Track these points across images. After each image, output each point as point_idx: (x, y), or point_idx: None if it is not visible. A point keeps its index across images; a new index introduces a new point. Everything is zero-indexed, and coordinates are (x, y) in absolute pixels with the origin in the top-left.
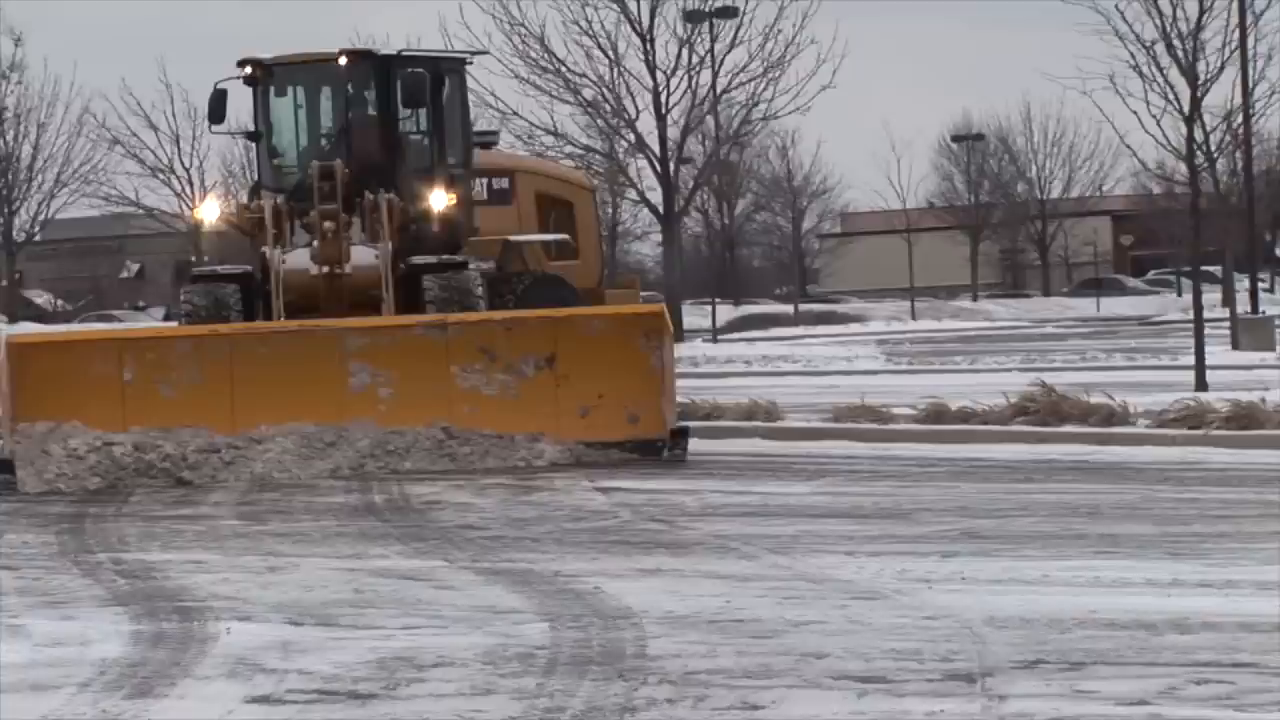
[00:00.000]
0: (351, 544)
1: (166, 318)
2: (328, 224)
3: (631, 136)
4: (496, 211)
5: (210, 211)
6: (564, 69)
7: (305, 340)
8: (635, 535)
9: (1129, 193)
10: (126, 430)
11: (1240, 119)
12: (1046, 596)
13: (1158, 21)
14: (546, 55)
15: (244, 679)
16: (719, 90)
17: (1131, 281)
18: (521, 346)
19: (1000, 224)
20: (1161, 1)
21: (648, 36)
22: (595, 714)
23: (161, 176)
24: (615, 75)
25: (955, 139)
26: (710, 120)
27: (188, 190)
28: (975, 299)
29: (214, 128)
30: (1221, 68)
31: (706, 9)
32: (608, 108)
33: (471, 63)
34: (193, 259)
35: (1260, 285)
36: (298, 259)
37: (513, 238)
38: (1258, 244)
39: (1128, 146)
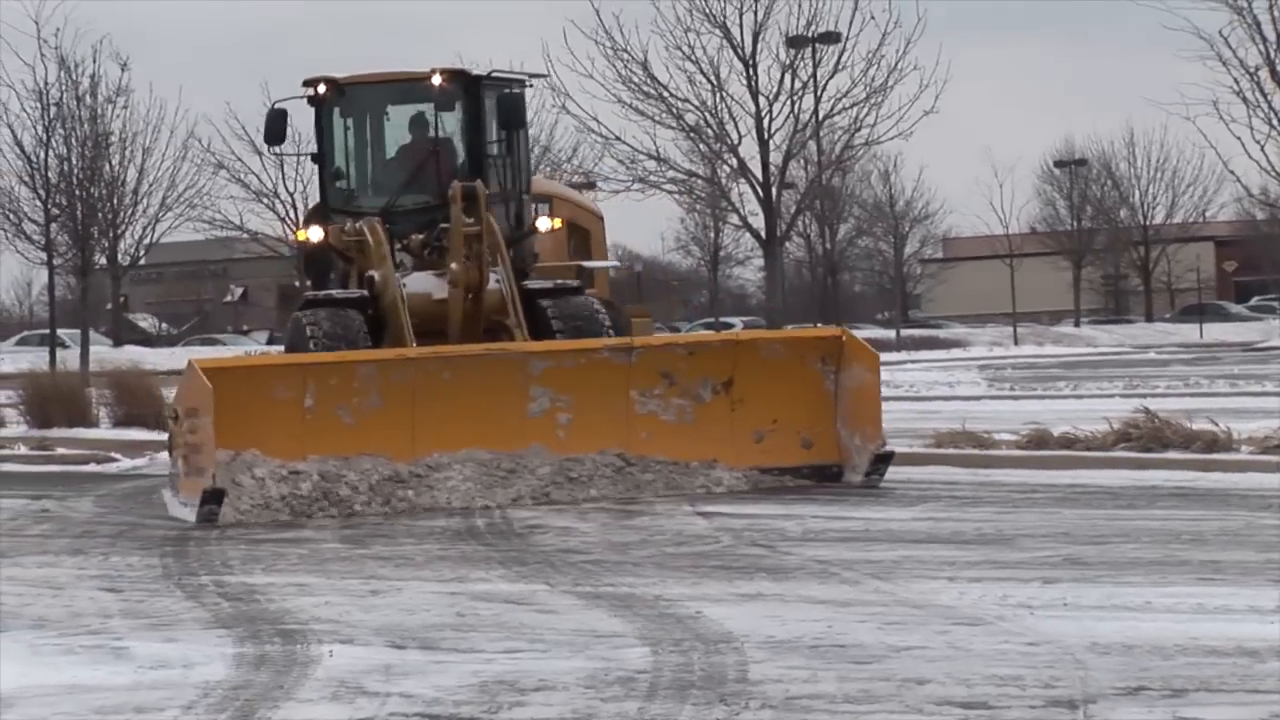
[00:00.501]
0: (453, 568)
1: (270, 342)
2: (466, 247)
3: (734, 161)
4: (545, 238)
5: (316, 233)
6: (667, 94)
7: (489, 364)
8: (736, 560)
9: (1232, 219)
10: (305, 459)
11: None
12: (1149, 623)
13: (1261, 48)
14: (649, 80)
15: (346, 701)
16: (821, 116)
17: (1235, 307)
18: (701, 370)
19: (1103, 250)
20: (1265, 27)
21: (750, 62)
22: None
23: (266, 201)
24: (718, 100)
25: (1058, 164)
26: (812, 145)
27: (291, 214)
28: (1078, 324)
29: (273, 149)
30: None
31: (810, 34)
32: (710, 133)
33: (532, 85)
34: (297, 283)
35: None
36: (419, 283)
37: (586, 264)
38: None
39: (1231, 172)
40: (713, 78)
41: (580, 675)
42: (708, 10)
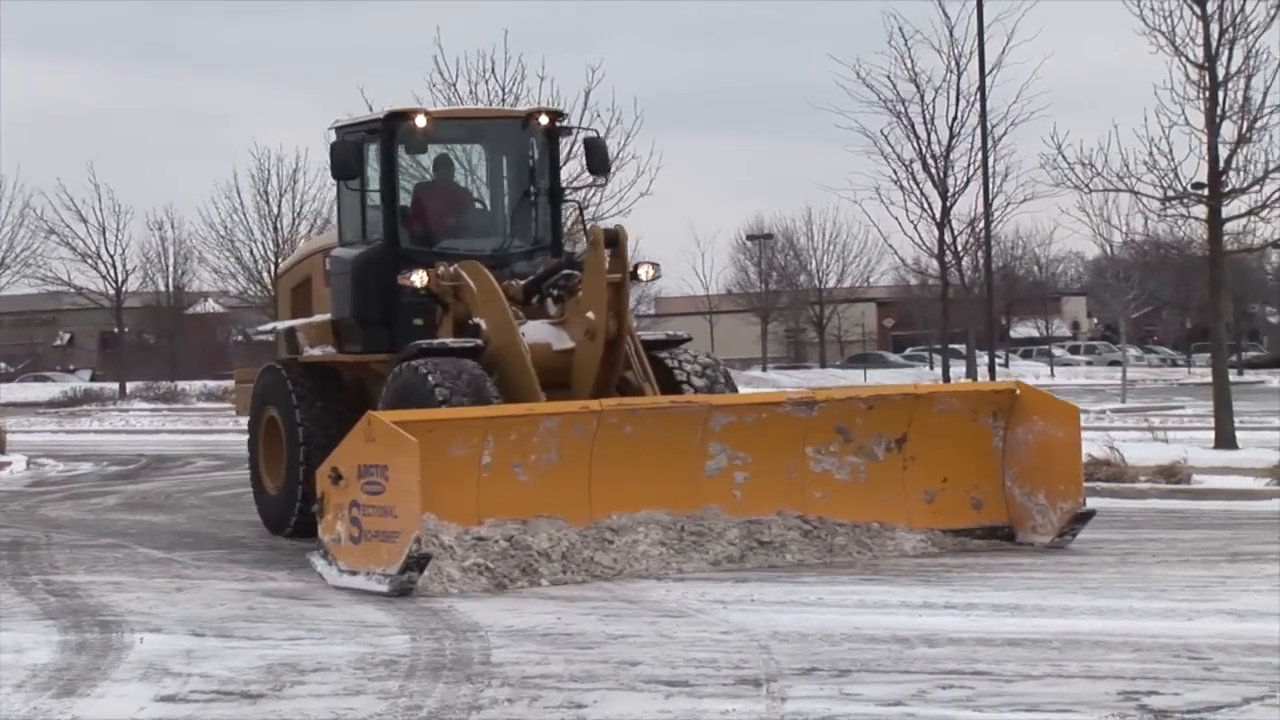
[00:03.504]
0: (246, 569)
1: (92, 379)
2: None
3: None
4: None
5: (420, 277)
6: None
7: (673, 419)
8: None
9: (891, 284)
10: (480, 522)
11: (982, 224)
12: (820, 615)
13: (915, 145)
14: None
15: (154, 681)
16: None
17: (892, 356)
18: (876, 426)
19: (785, 307)
20: (919, 128)
21: None
22: (447, 711)
23: (90, 261)
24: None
25: (750, 237)
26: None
27: (111, 272)
28: (764, 369)
29: (348, 183)
30: (967, 182)
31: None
32: None
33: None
34: (115, 329)
35: (997, 361)
36: (537, 332)
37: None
38: (995, 327)
39: (890, 246)
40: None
41: (351, 658)
42: (461, 104)
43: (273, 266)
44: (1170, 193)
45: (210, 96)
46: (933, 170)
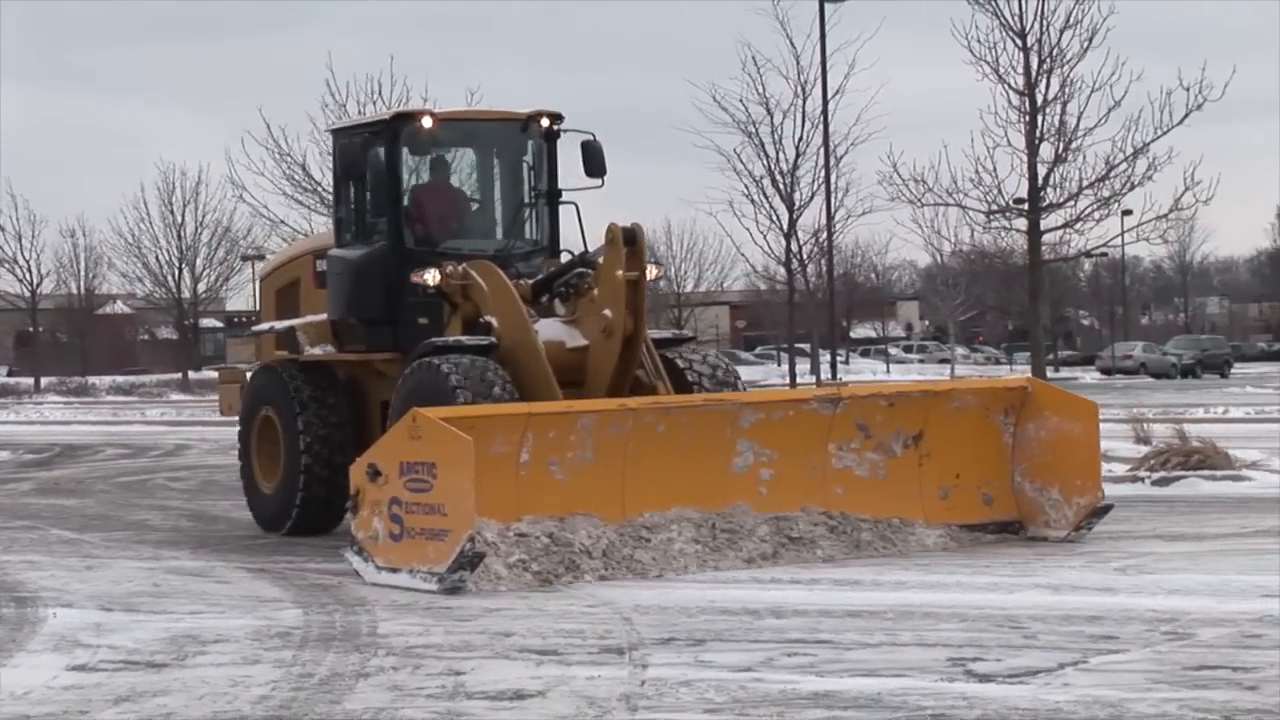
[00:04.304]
0: (152, 549)
1: (10, 374)
2: (630, 293)
3: None
4: None
5: (433, 275)
6: (321, 188)
7: (701, 416)
8: None
9: (742, 288)
10: (519, 519)
11: (825, 235)
12: (679, 590)
13: (764, 163)
14: (307, 178)
15: (65, 652)
16: None
17: (744, 355)
18: (896, 423)
19: (649, 310)
20: (768, 147)
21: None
22: (337, 679)
23: (6, 265)
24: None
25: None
26: None
27: (27, 276)
28: None
29: (355, 181)
30: (812, 197)
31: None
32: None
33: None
34: (31, 329)
35: (838, 359)
36: (550, 330)
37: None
38: (836, 328)
39: (742, 254)
40: None
41: (249, 630)
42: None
43: (176, 271)
44: (994, 207)
45: (121, 118)
46: (780, 186)
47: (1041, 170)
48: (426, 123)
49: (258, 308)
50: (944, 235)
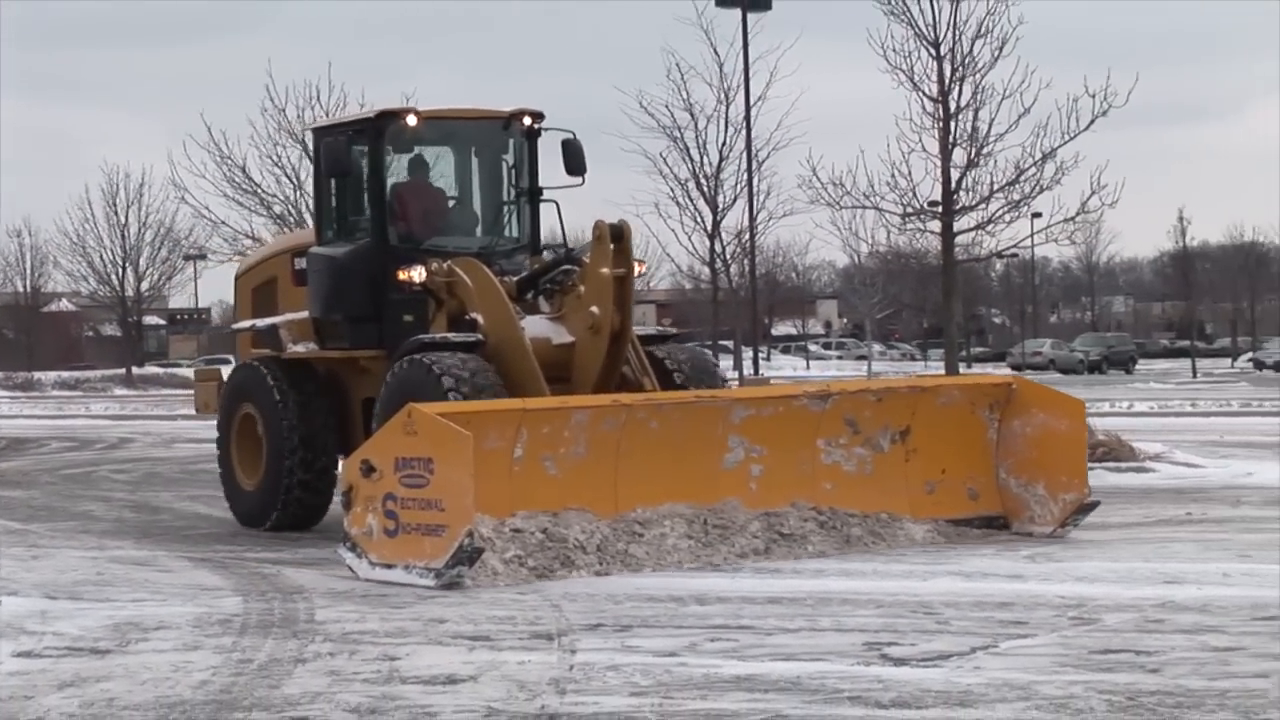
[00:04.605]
0: (96, 539)
1: None
2: (618, 289)
3: None
4: None
5: (419, 273)
6: (260, 190)
7: (694, 412)
8: (307, 533)
9: (668, 287)
10: (513, 514)
11: (748, 236)
12: (606, 578)
13: (690, 166)
14: (247, 180)
15: (11, 639)
16: None
17: None
18: (884, 418)
19: None
20: (693, 151)
21: None
22: (275, 664)
23: None
24: (298, 195)
25: (545, 247)
26: None
27: None
28: None
29: (337, 180)
30: (735, 199)
31: None
32: (292, 219)
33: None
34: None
35: (760, 355)
36: (536, 327)
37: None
38: (758, 326)
39: (668, 254)
40: (294, 179)
41: (190, 618)
42: (289, 129)
43: (120, 270)
44: (909, 210)
45: (66, 121)
46: (705, 189)
47: (954, 174)
48: (411, 121)
49: (233, 306)
50: (861, 237)
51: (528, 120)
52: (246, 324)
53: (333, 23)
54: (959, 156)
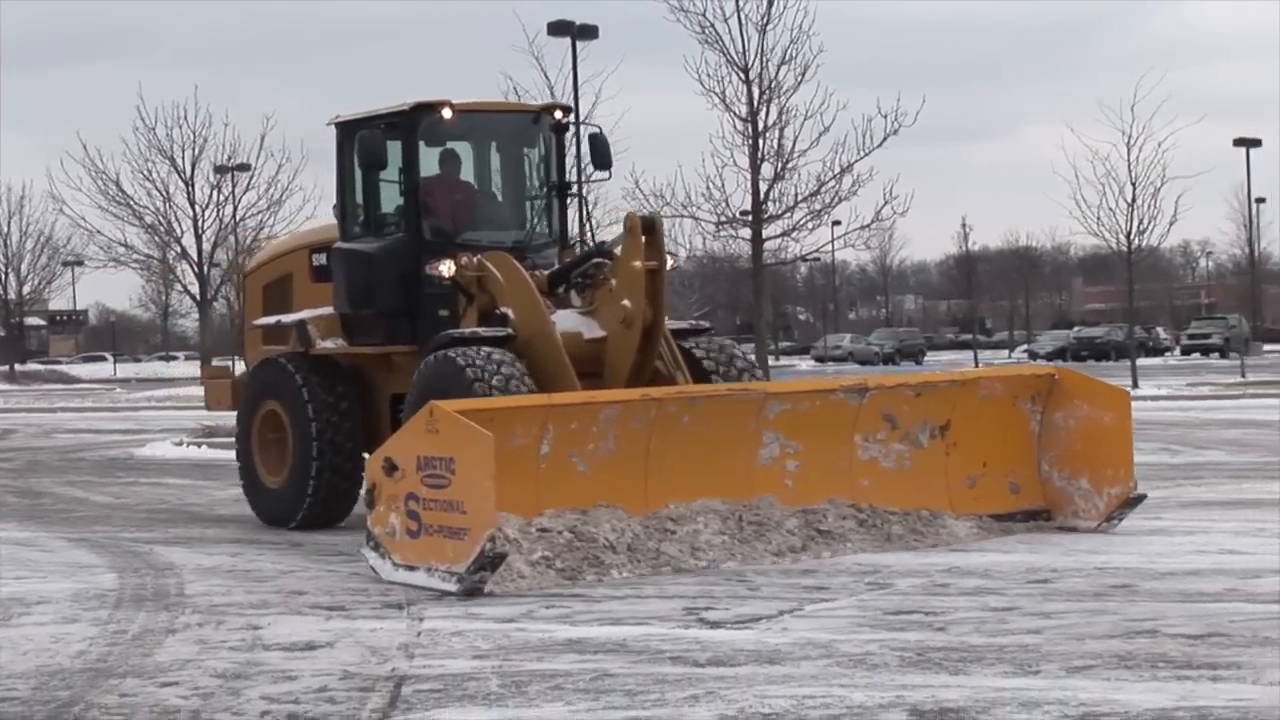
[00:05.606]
0: None
1: None
2: (650, 283)
3: (178, 248)
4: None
5: (448, 267)
6: (132, 202)
7: (728, 406)
8: (180, 513)
9: None
10: (540, 513)
11: (575, 243)
12: None
13: None
14: (121, 193)
15: None
16: (237, 218)
17: None
18: (922, 413)
19: None
20: None
21: (189, 182)
22: (148, 634)
23: None
24: (167, 207)
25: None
26: (232, 238)
27: None
28: None
29: (375, 174)
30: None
31: (229, 164)
32: (162, 228)
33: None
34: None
35: None
36: (567, 321)
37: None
38: None
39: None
40: (163, 191)
41: (69, 593)
42: (159, 146)
43: (3, 275)
44: (723, 218)
45: None
46: None
47: (763, 186)
48: (447, 113)
49: (240, 304)
50: (680, 243)
51: (559, 114)
52: (270, 320)
53: (201, 49)
54: (767, 170)
